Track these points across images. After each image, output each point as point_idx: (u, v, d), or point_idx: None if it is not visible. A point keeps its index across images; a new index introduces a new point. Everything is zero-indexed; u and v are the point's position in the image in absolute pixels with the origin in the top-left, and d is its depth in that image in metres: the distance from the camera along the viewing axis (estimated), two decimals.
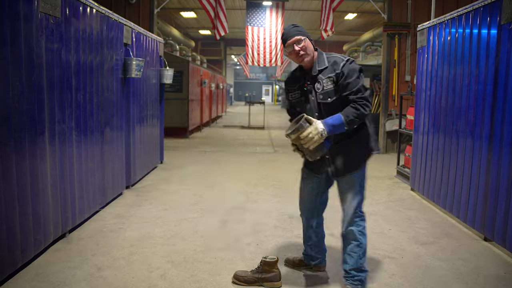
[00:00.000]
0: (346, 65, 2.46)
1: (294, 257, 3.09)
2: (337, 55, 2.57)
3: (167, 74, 6.66)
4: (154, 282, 2.80)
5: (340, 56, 2.54)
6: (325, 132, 2.36)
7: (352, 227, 2.59)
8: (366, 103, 2.40)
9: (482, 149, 3.67)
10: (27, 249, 2.89)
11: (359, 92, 2.40)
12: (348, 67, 2.45)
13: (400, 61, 8.61)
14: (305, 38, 2.53)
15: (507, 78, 3.30)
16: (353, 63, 2.50)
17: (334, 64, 2.49)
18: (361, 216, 2.62)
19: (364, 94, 2.42)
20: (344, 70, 2.45)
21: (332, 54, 2.59)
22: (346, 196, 2.62)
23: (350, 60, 2.50)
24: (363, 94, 2.41)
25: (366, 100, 2.40)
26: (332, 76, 2.48)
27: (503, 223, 3.31)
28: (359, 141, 2.58)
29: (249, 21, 9.58)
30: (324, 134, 2.36)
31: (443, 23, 4.56)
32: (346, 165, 2.57)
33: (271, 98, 38.90)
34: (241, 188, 5.48)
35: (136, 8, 8.84)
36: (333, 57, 2.55)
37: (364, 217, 2.64)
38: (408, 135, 6.22)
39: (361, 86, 2.43)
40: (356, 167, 2.57)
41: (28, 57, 2.85)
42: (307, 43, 2.53)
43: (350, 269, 2.61)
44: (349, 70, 2.44)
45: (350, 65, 2.47)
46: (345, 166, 2.57)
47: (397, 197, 5.15)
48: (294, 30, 2.54)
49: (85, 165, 3.85)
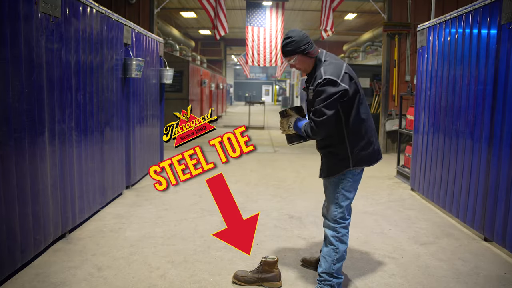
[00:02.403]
0: (319, 84, 2.46)
1: (311, 257, 3.12)
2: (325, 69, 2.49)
3: (167, 74, 6.66)
4: (154, 282, 2.80)
5: (324, 73, 2.47)
6: (291, 127, 2.64)
7: (330, 232, 2.63)
8: (313, 126, 2.47)
9: (482, 149, 3.67)
10: (27, 249, 2.89)
11: (315, 113, 2.46)
12: (320, 87, 2.46)
13: (400, 61, 8.61)
14: (295, 57, 2.56)
15: (507, 78, 3.30)
16: (327, 86, 2.43)
17: (315, 79, 2.54)
18: (342, 223, 2.63)
19: (317, 118, 2.43)
20: (316, 88, 2.49)
21: (324, 66, 2.53)
22: (326, 200, 2.73)
23: (327, 81, 2.44)
24: (316, 118, 2.44)
25: (314, 123, 2.46)
26: (311, 89, 2.57)
27: (502, 223, 3.31)
28: (336, 153, 2.61)
29: (249, 21, 9.58)
30: (291, 128, 2.65)
31: (443, 23, 4.56)
32: (323, 168, 2.70)
33: (271, 98, 38.90)
34: (241, 188, 5.48)
35: (136, 8, 8.84)
36: (322, 69, 2.51)
37: (346, 224, 2.64)
38: (408, 135, 6.22)
39: (319, 109, 2.43)
40: (329, 174, 2.64)
41: (28, 57, 2.85)
42: (298, 60, 2.58)
43: (322, 272, 2.62)
44: (319, 90, 2.46)
45: (323, 86, 2.44)
46: (323, 169, 2.70)
47: (397, 197, 5.15)
48: (285, 49, 2.57)
49: (85, 165, 3.85)
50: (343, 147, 2.58)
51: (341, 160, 2.59)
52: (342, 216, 2.63)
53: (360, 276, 2.95)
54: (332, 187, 2.65)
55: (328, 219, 2.66)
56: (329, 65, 2.52)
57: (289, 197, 5.09)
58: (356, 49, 15.69)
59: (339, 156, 2.59)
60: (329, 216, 2.65)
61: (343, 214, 2.63)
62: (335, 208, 2.62)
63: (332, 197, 2.64)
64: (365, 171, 2.74)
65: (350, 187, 2.63)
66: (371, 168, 2.88)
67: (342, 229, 2.63)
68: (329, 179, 2.65)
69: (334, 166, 2.62)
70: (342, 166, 2.59)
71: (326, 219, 2.69)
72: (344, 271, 2.95)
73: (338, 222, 2.63)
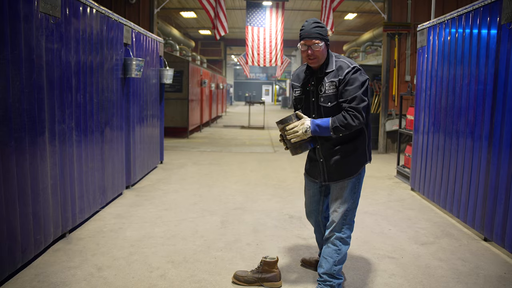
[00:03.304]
0: (350, 73, 2.40)
1: (311, 257, 3.10)
2: (346, 60, 2.48)
3: (167, 74, 6.67)
4: (154, 282, 2.80)
5: (348, 62, 2.46)
6: (309, 130, 2.42)
7: (336, 233, 2.55)
8: (356, 114, 2.35)
9: (482, 149, 3.67)
10: (27, 250, 2.90)
11: (353, 101, 2.36)
12: (352, 75, 2.40)
13: (400, 61, 8.61)
14: (323, 43, 2.45)
15: (507, 78, 3.30)
16: (359, 73, 2.42)
17: (339, 69, 2.44)
18: (349, 225, 2.57)
19: (358, 105, 2.35)
20: (346, 77, 2.40)
21: (341, 58, 2.50)
22: (336, 202, 2.57)
23: (356, 69, 2.43)
24: (357, 105, 2.35)
25: (357, 111, 2.35)
26: (335, 81, 2.43)
27: (502, 223, 3.31)
28: (356, 148, 2.52)
29: (249, 21, 9.57)
30: (308, 132, 2.42)
31: (443, 23, 4.56)
32: (339, 170, 2.54)
33: (271, 98, 38.91)
34: (241, 188, 5.48)
35: (136, 8, 8.84)
36: (340, 61, 2.47)
37: (352, 226, 2.59)
38: (408, 135, 6.23)
39: (359, 96, 2.36)
40: (350, 174, 2.52)
41: (28, 57, 2.85)
42: (323, 48, 2.46)
43: (323, 273, 2.58)
44: (351, 78, 2.39)
45: (354, 74, 2.40)
46: (338, 172, 2.54)
47: (397, 197, 5.15)
48: (315, 31, 2.43)
49: (85, 165, 3.85)
50: (362, 141, 2.52)
51: (360, 155, 2.53)
52: (351, 217, 2.58)
53: (360, 276, 2.95)
54: (349, 188, 2.53)
55: (337, 223, 2.54)
56: (344, 58, 2.50)
57: (289, 197, 5.09)
58: (356, 49, 15.69)
59: (359, 150, 2.52)
60: (339, 218, 2.53)
61: (354, 214, 2.59)
62: (351, 209, 2.55)
63: (350, 198, 2.53)
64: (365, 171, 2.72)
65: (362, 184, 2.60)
66: (371, 168, 2.89)
67: (347, 230, 2.57)
68: (348, 180, 2.52)
69: (355, 163, 2.52)
70: (362, 161, 2.54)
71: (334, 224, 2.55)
72: (344, 271, 2.95)
73: (348, 223, 2.56)
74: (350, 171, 2.52)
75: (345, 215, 2.54)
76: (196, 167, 6.90)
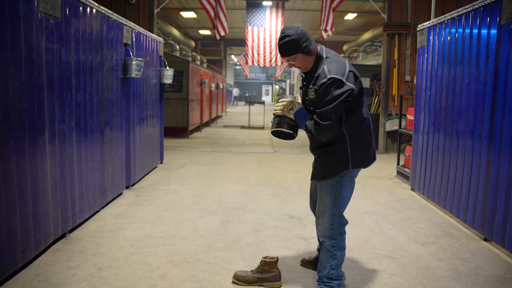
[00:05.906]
0: (324, 85, 2.30)
1: (310, 257, 3.10)
2: (332, 65, 2.36)
3: (167, 74, 6.67)
4: (154, 282, 2.80)
5: (329, 69, 2.33)
6: (295, 108, 2.52)
7: (327, 239, 2.54)
8: (318, 129, 2.34)
9: (482, 149, 3.67)
10: (27, 250, 2.89)
11: (319, 115, 2.33)
12: (325, 88, 2.30)
13: (400, 61, 8.61)
14: (295, 56, 2.38)
15: (507, 78, 3.30)
16: (335, 86, 2.29)
17: (318, 78, 2.36)
18: (339, 229, 2.54)
19: (322, 121, 2.31)
20: (320, 88, 2.32)
21: (328, 63, 2.38)
22: (320, 204, 2.57)
23: (332, 80, 2.29)
24: (320, 120, 2.31)
25: (319, 126, 2.32)
26: (314, 88, 2.39)
27: (502, 223, 3.31)
28: (333, 153, 2.49)
29: (249, 21, 9.57)
30: (292, 112, 2.51)
31: (443, 23, 4.56)
32: (320, 170, 2.56)
33: (271, 98, 38.91)
34: (241, 188, 5.48)
35: (136, 8, 8.84)
36: (325, 67, 2.36)
37: (343, 229, 2.56)
38: (408, 135, 6.23)
39: (324, 112, 2.30)
40: (327, 175, 2.50)
41: (28, 57, 2.85)
42: (299, 59, 2.40)
43: (322, 276, 2.61)
44: (324, 91, 2.30)
45: (328, 87, 2.29)
46: (318, 171, 2.57)
47: (397, 197, 5.15)
48: (283, 48, 2.37)
49: (85, 165, 3.85)
50: (342, 148, 2.46)
51: (339, 161, 2.47)
52: (339, 221, 2.54)
53: (360, 276, 2.95)
54: (328, 190, 2.51)
55: (325, 228, 2.53)
56: (332, 63, 2.37)
57: (289, 197, 5.09)
58: (356, 49, 15.69)
59: (336, 156, 2.48)
60: (324, 221, 2.53)
61: (341, 218, 2.54)
62: (332, 213, 2.51)
63: (329, 201, 2.51)
64: (365, 171, 2.74)
65: (348, 190, 2.53)
66: (371, 168, 2.88)
67: (338, 235, 2.54)
68: (326, 182, 2.51)
69: (332, 167, 2.49)
70: (341, 167, 2.47)
71: (322, 229, 2.55)
72: (344, 271, 2.95)
73: (336, 227, 2.53)
74: (329, 172, 2.50)
75: (332, 221, 2.53)
76: (196, 167, 6.90)
